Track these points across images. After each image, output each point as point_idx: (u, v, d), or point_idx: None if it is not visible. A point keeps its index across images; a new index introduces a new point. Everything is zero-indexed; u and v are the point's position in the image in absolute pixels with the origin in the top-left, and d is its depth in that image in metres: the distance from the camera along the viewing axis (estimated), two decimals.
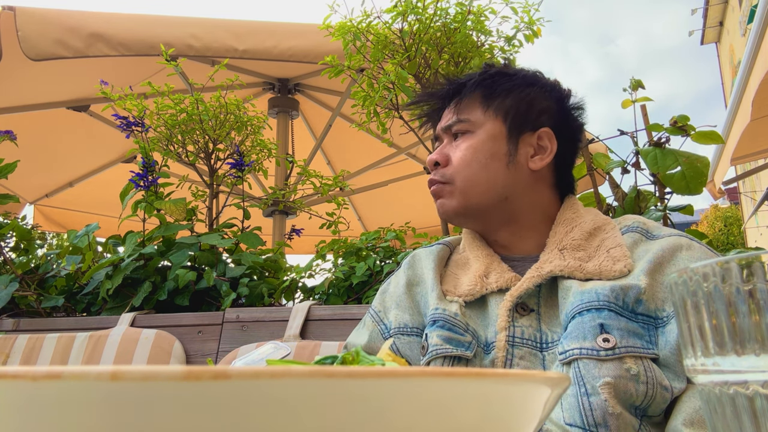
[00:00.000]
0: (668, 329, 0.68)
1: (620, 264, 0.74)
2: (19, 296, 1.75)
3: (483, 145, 0.86)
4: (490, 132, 0.87)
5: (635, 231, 0.79)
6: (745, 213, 11.53)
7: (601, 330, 0.67)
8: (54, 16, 2.40)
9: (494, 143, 0.86)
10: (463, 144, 0.87)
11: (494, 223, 0.87)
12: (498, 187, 0.85)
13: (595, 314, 0.68)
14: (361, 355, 0.28)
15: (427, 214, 3.73)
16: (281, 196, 2.25)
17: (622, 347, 0.66)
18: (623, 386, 0.64)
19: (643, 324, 0.69)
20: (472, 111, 0.89)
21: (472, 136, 0.87)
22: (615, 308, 0.69)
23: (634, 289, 0.70)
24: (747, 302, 0.25)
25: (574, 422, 0.65)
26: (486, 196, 0.84)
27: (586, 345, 0.67)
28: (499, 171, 0.85)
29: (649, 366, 0.65)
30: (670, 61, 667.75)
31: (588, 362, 0.66)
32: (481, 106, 0.89)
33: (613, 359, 0.65)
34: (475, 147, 0.86)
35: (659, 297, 0.71)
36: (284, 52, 2.48)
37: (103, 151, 3.74)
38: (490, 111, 0.88)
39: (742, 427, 0.25)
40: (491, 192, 0.85)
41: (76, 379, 0.15)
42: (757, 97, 3.47)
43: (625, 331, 0.67)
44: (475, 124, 0.88)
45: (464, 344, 0.76)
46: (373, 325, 0.89)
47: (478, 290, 0.80)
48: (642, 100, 1.40)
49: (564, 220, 0.83)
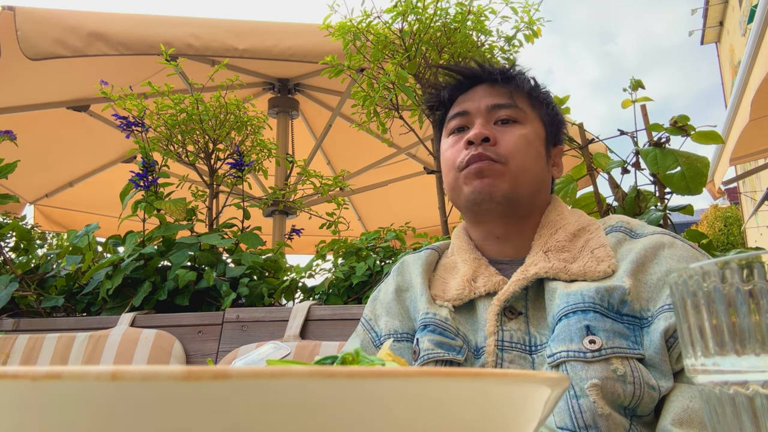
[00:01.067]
0: (652, 329, 0.68)
1: (604, 264, 0.74)
2: (19, 296, 1.75)
3: (535, 138, 0.86)
4: (536, 129, 0.88)
5: (619, 230, 0.80)
6: (745, 213, 11.53)
7: (587, 332, 0.67)
8: (53, 15, 2.40)
9: (540, 141, 0.88)
10: (516, 131, 0.85)
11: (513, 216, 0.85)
12: (538, 183, 0.86)
13: (581, 316, 0.69)
14: (361, 355, 0.28)
15: (427, 214, 3.72)
16: (281, 196, 2.25)
17: (608, 348, 0.66)
18: (610, 387, 0.64)
19: (629, 324, 0.69)
20: (523, 103, 0.88)
21: (523, 126, 0.86)
22: (600, 309, 0.69)
23: (618, 290, 0.71)
24: (747, 302, 0.25)
25: (565, 425, 0.65)
26: (531, 187, 0.84)
27: (573, 347, 0.67)
28: (543, 168, 0.87)
29: (635, 366, 0.66)
30: (670, 59, 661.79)
31: (575, 364, 0.66)
32: (528, 103, 0.89)
33: (599, 360, 0.65)
34: (528, 138, 0.85)
35: (643, 297, 0.71)
36: (284, 52, 2.48)
37: (103, 151, 3.74)
38: (536, 111, 0.89)
39: (742, 427, 0.25)
40: (535, 186, 0.85)
41: (76, 379, 0.15)
42: (757, 97, 3.47)
43: (611, 332, 0.67)
44: (527, 117, 0.87)
45: (455, 348, 0.76)
46: (364, 333, 0.90)
47: (466, 294, 0.80)
48: (642, 100, 1.40)
49: (548, 222, 0.84)
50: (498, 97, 0.88)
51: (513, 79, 0.90)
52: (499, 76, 0.90)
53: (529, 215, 0.86)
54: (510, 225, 0.85)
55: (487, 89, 0.90)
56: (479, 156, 0.82)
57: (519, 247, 0.85)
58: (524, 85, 0.89)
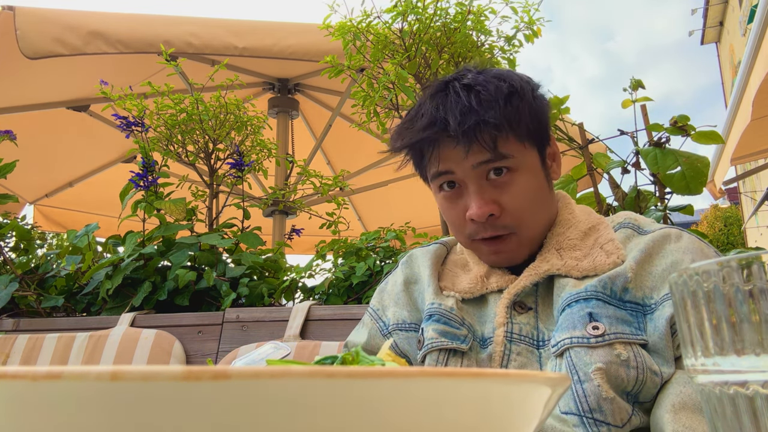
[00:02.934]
0: (656, 315, 0.69)
1: (613, 257, 0.75)
2: (19, 296, 1.75)
3: (534, 181, 0.79)
4: (530, 165, 0.78)
5: (627, 227, 0.81)
6: (745, 213, 11.53)
7: (590, 318, 0.69)
8: (53, 15, 2.40)
9: (537, 175, 0.80)
10: (515, 186, 0.77)
11: None
12: (551, 217, 0.83)
13: (584, 304, 0.70)
14: (361, 355, 0.28)
15: (427, 214, 3.73)
16: (281, 196, 2.25)
17: (611, 334, 0.67)
18: (614, 371, 0.65)
19: (632, 311, 0.70)
20: (506, 144, 0.76)
21: (518, 174, 0.77)
22: (602, 297, 0.71)
23: (621, 277, 0.72)
24: (747, 302, 0.25)
25: (570, 410, 0.66)
26: (541, 228, 0.81)
27: (576, 334, 0.68)
28: (549, 201, 0.83)
29: (638, 352, 0.67)
30: (670, 57, 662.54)
31: (579, 350, 0.67)
32: (513, 138, 0.76)
33: (603, 345, 0.67)
34: (530, 184, 0.78)
35: (647, 285, 0.72)
36: (284, 50, 2.48)
37: (103, 151, 3.74)
38: (523, 141, 0.77)
39: (742, 427, 0.25)
40: (548, 223, 0.83)
41: (76, 379, 0.15)
42: (757, 97, 3.47)
43: (614, 318, 0.69)
44: (518, 160, 0.77)
45: (459, 337, 0.77)
46: (372, 323, 0.91)
47: (478, 289, 0.81)
48: (642, 100, 1.40)
49: (561, 221, 0.84)
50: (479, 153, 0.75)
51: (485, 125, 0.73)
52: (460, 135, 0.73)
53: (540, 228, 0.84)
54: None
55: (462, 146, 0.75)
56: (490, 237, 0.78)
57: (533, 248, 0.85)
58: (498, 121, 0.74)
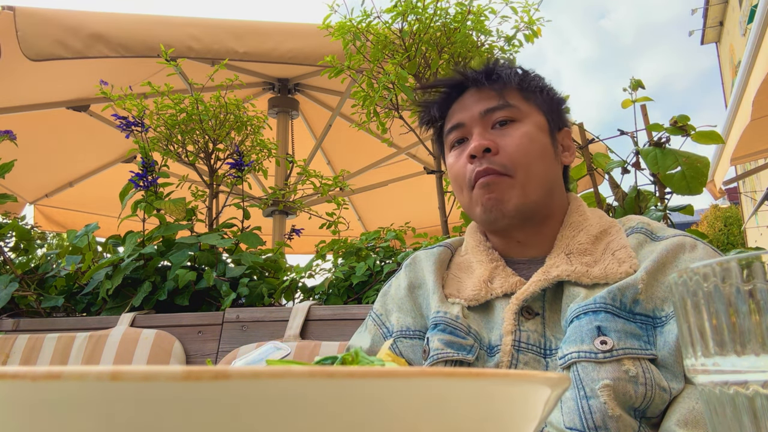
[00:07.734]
0: (667, 329, 0.67)
1: (626, 265, 0.74)
2: (19, 296, 1.75)
3: (537, 132, 0.83)
4: (536, 122, 0.84)
5: (639, 232, 0.79)
6: (745, 213, 11.52)
7: (598, 332, 0.67)
8: (53, 16, 2.40)
9: (543, 132, 0.84)
10: (516, 132, 0.82)
11: (532, 222, 0.83)
12: (549, 182, 0.83)
13: (592, 317, 0.68)
14: (360, 356, 0.28)
15: (427, 214, 3.72)
16: (281, 196, 2.25)
17: (619, 349, 0.66)
18: (622, 388, 0.64)
19: (641, 324, 0.69)
20: (515, 99, 0.84)
21: (521, 124, 0.83)
22: (612, 309, 0.69)
23: (631, 289, 0.70)
24: (747, 302, 0.25)
25: (574, 426, 0.64)
26: (541, 191, 0.81)
27: (584, 348, 0.67)
28: (550, 164, 0.84)
29: (647, 367, 0.65)
30: (668, 37, 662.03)
31: (586, 365, 0.66)
32: (521, 97, 0.85)
33: (611, 361, 0.65)
34: (530, 135, 0.82)
35: (658, 297, 0.70)
36: (284, 54, 2.48)
37: (103, 151, 3.74)
38: (530, 103, 0.85)
39: (742, 427, 0.25)
40: (545, 187, 0.82)
41: (76, 379, 0.15)
42: (757, 97, 3.47)
43: (623, 332, 0.67)
44: (523, 113, 0.84)
45: (466, 348, 0.75)
46: (375, 328, 0.88)
47: (482, 296, 0.79)
48: (642, 100, 1.40)
49: (571, 223, 0.82)
50: (488, 101, 0.84)
51: (499, 78, 0.86)
52: (483, 77, 0.86)
53: (549, 216, 0.84)
54: (530, 229, 0.84)
55: (476, 94, 0.86)
56: (485, 171, 0.80)
57: (541, 248, 0.84)
58: (512, 79, 0.86)
